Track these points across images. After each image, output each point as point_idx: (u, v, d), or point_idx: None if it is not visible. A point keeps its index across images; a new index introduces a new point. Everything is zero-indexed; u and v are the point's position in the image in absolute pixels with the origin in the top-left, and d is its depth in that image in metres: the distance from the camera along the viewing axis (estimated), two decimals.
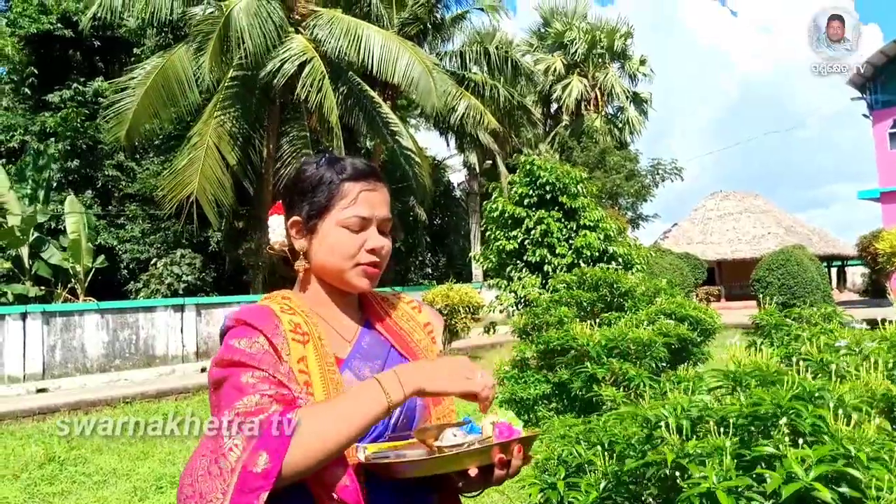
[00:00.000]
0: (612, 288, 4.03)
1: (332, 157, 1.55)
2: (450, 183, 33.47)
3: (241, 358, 1.28)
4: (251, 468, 1.14)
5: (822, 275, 19.35)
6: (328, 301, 1.51)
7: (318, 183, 1.49)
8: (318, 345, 1.38)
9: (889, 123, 27.66)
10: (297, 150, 20.84)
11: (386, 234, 1.49)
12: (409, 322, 1.59)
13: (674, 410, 1.10)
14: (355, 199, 1.45)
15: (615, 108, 36.62)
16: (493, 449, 1.26)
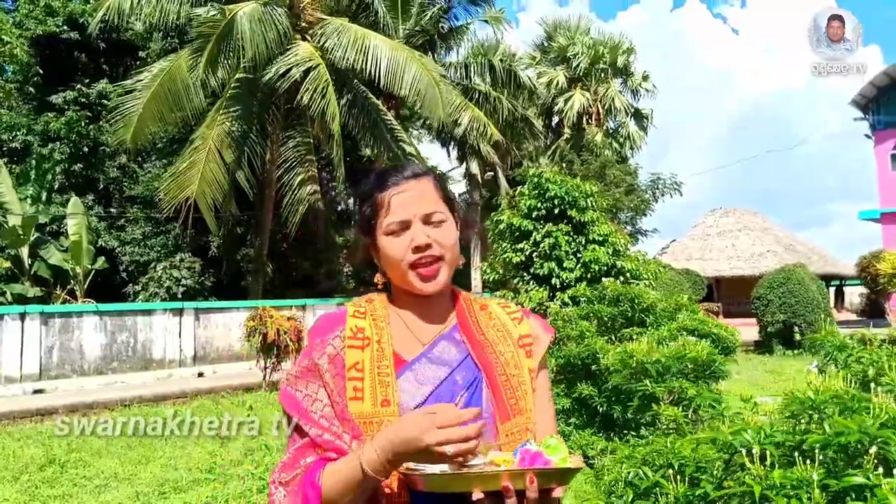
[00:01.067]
0: (634, 303, 4.02)
1: (382, 169, 1.62)
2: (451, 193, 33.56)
3: (288, 410, 1.48)
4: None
5: (822, 294, 19.36)
6: (408, 304, 1.57)
7: (363, 201, 1.59)
8: (377, 348, 1.47)
9: (891, 144, 27.76)
10: (300, 156, 20.86)
11: (437, 224, 1.51)
12: (498, 332, 1.57)
13: (757, 436, 1.08)
14: (388, 207, 1.51)
15: (616, 123, 36.67)
16: (500, 475, 1.25)
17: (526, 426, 1.48)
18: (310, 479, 1.36)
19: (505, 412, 1.47)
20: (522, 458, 1.30)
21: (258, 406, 11.35)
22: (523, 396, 1.50)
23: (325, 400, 1.45)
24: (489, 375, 1.50)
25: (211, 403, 12.14)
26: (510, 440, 1.43)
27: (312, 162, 20.89)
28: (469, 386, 1.49)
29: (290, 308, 18.01)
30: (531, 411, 1.50)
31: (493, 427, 1.45)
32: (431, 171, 1.61)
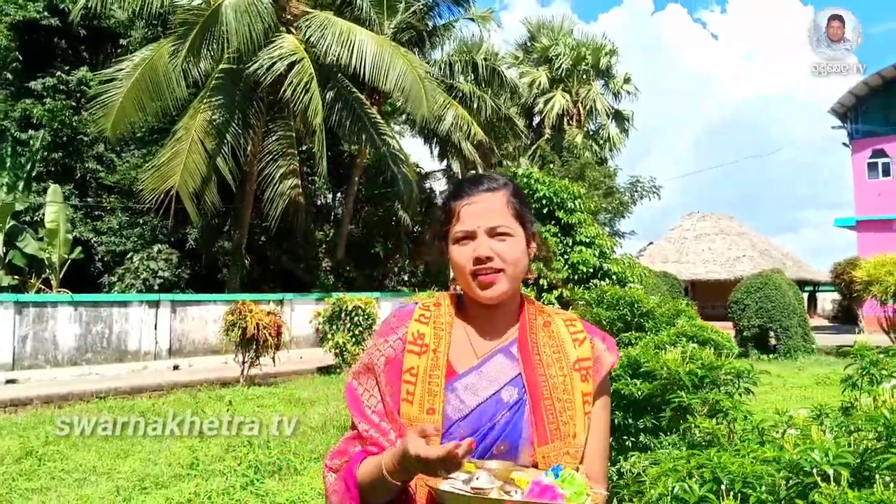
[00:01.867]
0: (633, 308, 4.02)
1: (462, 178, 1.83)
2: (432, 191, 33.38)
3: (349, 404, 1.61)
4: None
5: (798, 300, 19.56)
6: (473, 312, 1.63)
7: (441, 207, 1.68)
8: (432, 356, 1.55)
9: (868, 153, 28.14)
10: (281, 150, 20.70)
11: (502, 238, 1.56)
12: (555, 353, 1.58)
13: (826, 456, 1.06)
14: (458, 216, 1.58)
15: (597, 125, 36.82)
16: (504, 502, 1.30)
17: (566, 451, 1.49)
18: (350, 470, 1.49)
19: (544, 436, 1.49)
20: (532, 490, 1.33)
21: (237, 401, 11.24)
22: (568, 422, 1.51)
23: (377, 397, 1.56)
24: (533, 398, 1.52)
25: (188, 398, 12.02)
26: (546, 462, 1.46)
27: (294, 156, 20.75)
28: (513, 406, 1.52)
29: (268, 302, 17.88)
30: (576, 437, 1.50)
31: (530, 448, 1.49)
32: (509, 185, 1.65)
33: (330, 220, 30.09)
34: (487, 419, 1.49)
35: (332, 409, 9.76)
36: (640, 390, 3.44)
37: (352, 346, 15.72)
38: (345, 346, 15.64)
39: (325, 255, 27.17)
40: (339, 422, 8.72)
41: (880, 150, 27.85)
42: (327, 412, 9.50)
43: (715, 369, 2.33)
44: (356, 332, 15.88)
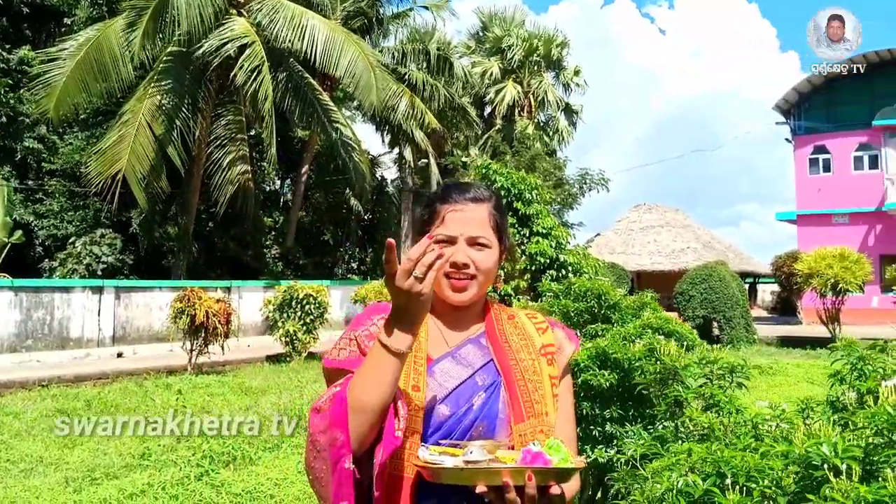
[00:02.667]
0: (600, 300, 4.08)
1: (452, 183, 1.80)
2: (383, 178, 33.24)
3: (336, 365, 1.61)
4: (334, 444, 1.44)
5: (741, 291, 20.05)
6: (443, 311, 1.69)
7: (427, 204, 1.74)
8: (418, 344, 1.58)
9: (810, 150, 28.89)
10: (230, 134, 20.37)
11: (480, 248, 1.64)
12: (522, 340, 1.70)
13: (834, 450, 1.09)
14: (443, 220, 1.65)
15: (547, 116, 37.03)
16: (501, 471, 1.36)
17: (540, 428, 1.58)
18: (339, 397, 1.47)
19: (520, 414, 1.58)
20: (524, 457, 1.41)
21: (186, 390, 11.07)
22: (540, 401, 1.62)
23: None
24: (507, 379, 1.62)
25: (135, 386, 11.78)
26: (523, 440, 1.54)
27: (244, 141, 20.44)
28: (488, 388, 1.61)
29: (215, 289, 17.64)
30: (547, 415, 1.61)
31: (507, 428, 1.58)
32: (493, 197, 1.74)
33: (279, 206, 29.74)
34: (465, 401, 1.57)
35: (284, 398, 9.67)
36: (607, 381, 3.50)
37: (303, 334, 15.59)
38: (295, 335, 15.50)
39: (274, 241, 26.86)
40: (294, 411, 8.65)
41: (822, 147, 28.64)
42: (280, 402, 9.41)
43: (709, 363, 2.38)
44: (307, 320, 15.73)
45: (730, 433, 1.63)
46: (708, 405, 2.07)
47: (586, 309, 4.11)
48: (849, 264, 19.16)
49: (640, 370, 3.52)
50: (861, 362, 1.75)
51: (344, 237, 30.17)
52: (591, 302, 4.12)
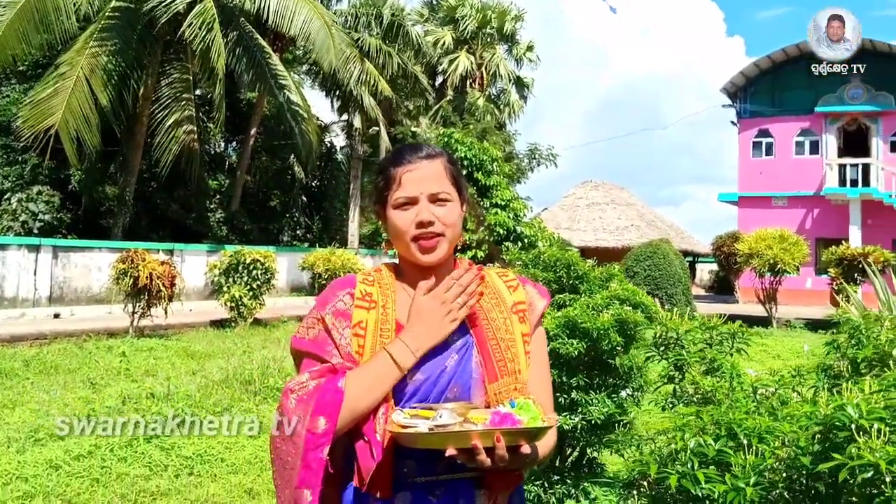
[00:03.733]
0: (569, 270, 4.11)
1: (401, 146, 1.74)
2: (332, 145, 32.84)
3: (304, 347, 1.60)
4: (314, 430, 1.45)
5: (684, 269, 20.47)
6: (411, 275, 1.68)
7: (380, 173, 1.70)
8: (382, 312, 1.60)
9: (754, 133, 29.52)
10: (176, 94, 19.85)
11: (442, 203, 1.62)
12: (493, 299, 1.68)
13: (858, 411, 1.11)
14: (399, 182, 1.62)
15: (498, 90, 37.03)
16: (470, 435, 1.37)
17: (514, 386, 1.59)
18: (332, 385, 1.48)
19: (493, 373, 1.59)
20: (493, 419, 1.43)
21: (130, 353, 10.85)
22: (513, 359, 1.62)
23: (332, 345, 1.58)
24: (479, 339, 1.62)
25: (75, 348, 11.48)
26: (498, 399, 1.55)
27: (190, 101, 19.91)
28: (460, 349, 1.61)
29: (157, 252, 17.26)
30: (521, 373, 1.61)
31: (481, 388, 1.59)
32: (445, 153, 1.71)
33: (224, 169, 29.16)
34: (438, 364, 1.57)
35: (232, 363, 9.53)
36: (575, 349, 3.53)
37: (249, 299, 15.37)
38: (241, 300, 15.27)
39: (219, 205, 26.35)
40: (243, 376, 8.54)
41: (765, 131, 29.29)
42: (228, 366, 9.27)
43: (710, 330, 2.42)
44: (254, 285, 15.52)
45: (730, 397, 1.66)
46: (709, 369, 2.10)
47: (555, 279, 4.14)
48: (788, 246, 19.70)
49: (608, 339, 3.57)
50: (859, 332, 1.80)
51: (291, 203, 29.78)
52: (560, 272, 4.15)
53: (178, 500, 4.95)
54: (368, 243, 29.53)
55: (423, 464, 1.50)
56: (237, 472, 5.60)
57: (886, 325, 1.80)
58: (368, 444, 1.48)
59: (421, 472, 1.51)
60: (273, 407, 7.72)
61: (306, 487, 1.45)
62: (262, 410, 7.53)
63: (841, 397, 1.15)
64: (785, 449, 1.22)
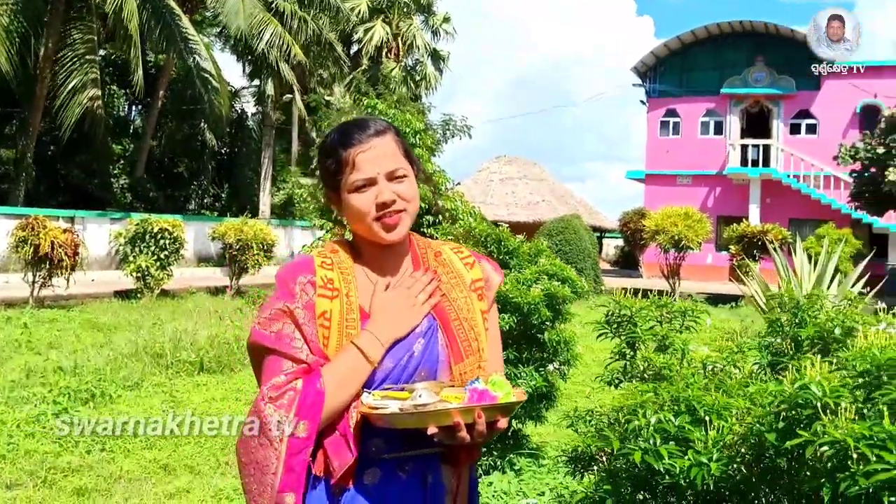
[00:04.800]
0: (500, 245, 4.13)
1: (344, 124, 1.66)
2: (243, 111, 31.96)
3: (269, 344, 1.51)
4: (297, 435, 1.43)
5: (593, 244, 20.97)
6: (369, 255, 1.64)
7: (328, 155, 1.62)
8: (345, 301, 1.55)
9: (662, 112, 30.34)
10: (79, 57, 18.90)
11: (400, 180, 1.57)
12: (452, 279, 1.67)
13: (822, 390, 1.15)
14: (353, 164, 1.56)
15: (414, 61, 36.78)
16: (452, 412, 1.39)
17: (478, 364, 1.60)
18: (312, 388, 1.44)
19: (459, 354, 1.59)
20: (471, 396, 1.44)
21: (32, 324, 10.39)
22: (476, 338, 1.62)
23: (301, 340, 1.51)
24: (444, 321, 1.61)
25: None
26: (463, 379, 1.56)
27: (94, 62, 19.00)
28: (426, 333, 1.59)
29: (57, 219, 16.51)
30: (483, 351, 1.62)
31: (447, 369, 1.58)
32: (391, 126, 1.66)
33: (129, 134, 28.03)
34: (405, 350, 1.55)
35: (141, 335, 9.23)
36: (506, 324, 3.57)
37: (156, 269, 14.91)
38: (148, 270, 14.80)
39: (123, 171, 25.34)
40: (153, 349, 8.29)
41: (673, 110, 30.14)
42: (137, 339, 8.98)
43: (661, 307, 2.48)
44: (161, 255, 15.05)
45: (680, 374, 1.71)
46: (660, 346, 2.15)
47: (485, 254, 4.15)
48: (692, 223, 20.40)
49: (537, 313, 3.62)
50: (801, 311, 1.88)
51: (199, 171, 28.90)
52: (491, 247, 4.17)
53: (90, 477, 4.78)
54: (280, 213, 29.02)
55: (391, 442, 1.50)
56: (151, 448, 5.45)
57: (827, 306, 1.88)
58: (345, 439, 1.46)
59: (389, 450, 1.51)
60: (187, 381, 7.56)
61: (290, 491, 1.43)
62: (174, 384, 7.35)
63: (803, 376, 1.19)
64: (745, 425, 1.27)
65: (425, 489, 1.54)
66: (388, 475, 1.51)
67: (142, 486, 4.69)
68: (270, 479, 1.43)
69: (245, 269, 16.43)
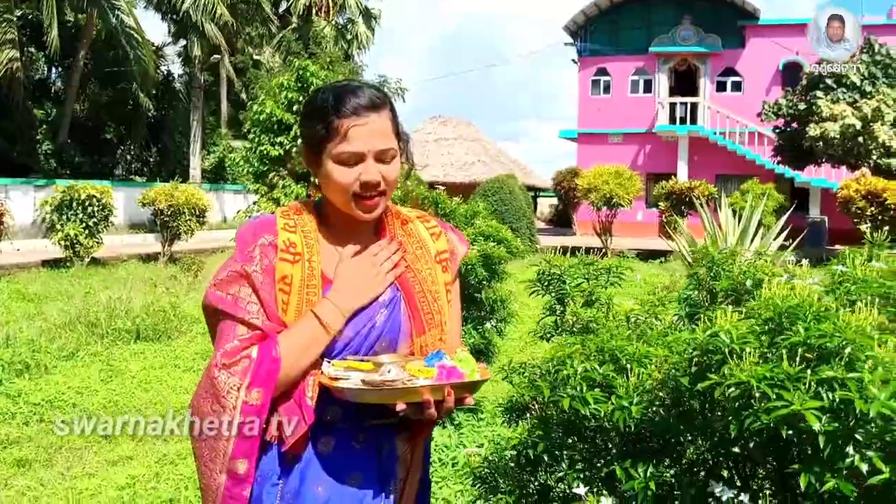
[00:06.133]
0: (437, 208, 4.21)
1: (335, 86, 1.57)
2: (170, 74, 31.03)
3: (223, 307, 1.49)
4: (250, 402, 1.42)
5: (528, 203, 21.27)
6: (337, 222, 1.60)
7: (319, 115, 1.53)
8: (307, 266, 1.52)
9: (593, 71, 30.59)
10: None
11: (387, 162, 1.53)
12: (418, 249, 1.64)
13: (730, 337, 1.29)
14: (345, 136, 1.49)
15: (345, 20, 36.22)
16: (421, 390, 1.40)
17: (440, 338, 1.59)
18: (267, 355, 1.43)
19: (421, 327, 1.57)
20: (440, 373, 1.45)
21: None
22: (439, 311, 1.60)
23: (257, 304, 1.49)
24: (407, 293, 1.58)
25: None
26: (423, 351, 1.55)
27: (11, 23, 18.20)
28: (388, 304, 1.57)
29: None
30: (446, 324, 1.61)
31: (408, 340, 1.56)
32: (388, 100, 1.58)
33: (51, 97, 27.00)
34: (367, 320, 1.53)
35: (74, 305, 9.06)
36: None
37: (85, 238, 14.55)
38: (77, 239, 14.43)
39: (46, 136, 24.46)
40: (88, 318, 8.16)
41: (603, 69, 30.42)
42: (69, 309, 8.81)
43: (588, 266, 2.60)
44: (90, 223, 14.68)
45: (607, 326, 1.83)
46: (587, 301, 2.28)
47: None
48: (623, 181, 20.82)
49: (474, 273, 3.73)
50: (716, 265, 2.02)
51: (126, 135, 28.06)
52: (428, 209, 4.26)
53: (29, 448, 4.76)
54: (212, 177, 28.48)
55: (348, 411, 1.50)
56: (91, 418, 5.41)
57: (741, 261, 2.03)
58: (299, 408, 1.45)
59: (345, 419, 1.52)
60: (124, 349, 7.49)
61: (242, 457, 1.43)
62: (111, 353, 7.29)
63: (714, 325, 1.32)
64: (663, 371, 1.40)
65: (380, 458, 1.54)
66: (342, 444, 1.52)
67: (83, 455, 4.69)
68: (223, 445, 1.43)
69: (178, 236, 16.16)
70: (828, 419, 1.16)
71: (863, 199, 17.77)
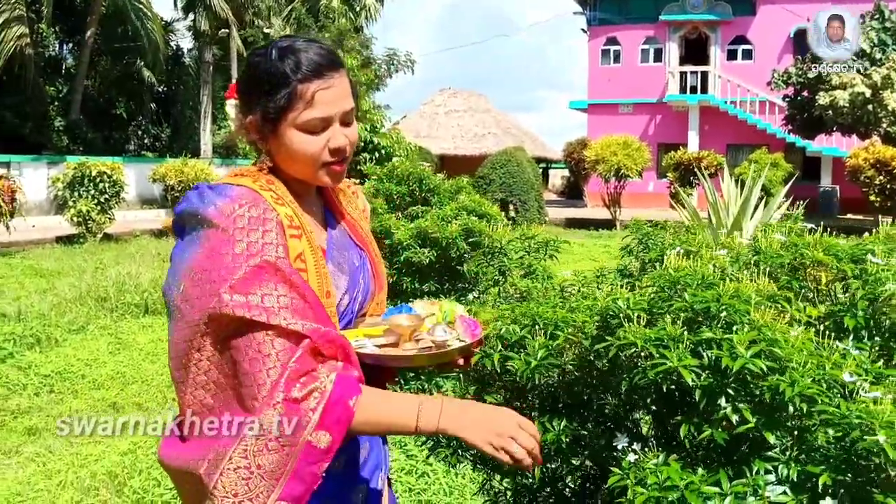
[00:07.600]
0: (421, 183, 4.35)
1: (283, 46, 1.37)
2: (179, 48, 31.11)
3: (258, 317, 1.24)
4: (316, 444, 1.23)
5: (536, 176, 21.30)
6: (299, 191, 1.45)
7: (272, 82, 1.35)
8: (307, 238, 1.37)
9: (603, 40, 30.37)
10: None
11: (349, 124, 1.41)
12: (356, 211, 1.60)
13: (626, 303, 1.44)
14: (311, 101, 1.34)
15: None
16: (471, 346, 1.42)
17: (385, 292, 1.63)
18: (342, 400, 1.25)
19: (380, 284, 1.59)
20: (467, 328, 1.45)
21: None
22: (383, 269, 1.64)
23: (289, 296, 1.28)
24: (368, 252, 1.57)
25: None
26: (379, 309, 1.57)
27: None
28: (362, 266, 1.54)
29: None
30: None
31: (371, 300, 1.56)
32: (340, 58, 1.44)
33: (62, 74, 27.20)
34: (356, 285, 1.50)
35: (85, 280, 9.31)
36: (427, 258, 3.83)
37: (97, 214, 14.82)
38: (89, 215, 14.71)
39: (58, 113, 24.69)
40: (98, 293, 8.40)
41: (613, 38, 30.22)
42: (80, 284, 9.05)
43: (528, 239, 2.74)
44: (101, 199, 14.95)
45: (542, 295, 1.97)
46: (526, 273, 2.42)
47: (408, 192, 4.38)
48: (631, 151, 20.85)
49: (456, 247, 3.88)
50: (646, 238, 2.15)
51: (137, 111, 28.26)
52: (413, 185, 4.39)
53: (39, 417, 4.98)
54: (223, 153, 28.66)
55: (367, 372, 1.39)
56: (99, 388, 5.64)
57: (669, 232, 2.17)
58: None
59: None
60: (133, 323, 7.70)
61: (291, 502, 1.25)
62: (120, 327, 7.50)
63: (618, 292, 1.47)
64: (576, 335, 1.55)
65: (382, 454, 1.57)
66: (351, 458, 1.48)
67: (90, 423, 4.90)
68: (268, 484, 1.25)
69: None
70: (706, 376, 1.32)
71: (871, 168, 17.73)
